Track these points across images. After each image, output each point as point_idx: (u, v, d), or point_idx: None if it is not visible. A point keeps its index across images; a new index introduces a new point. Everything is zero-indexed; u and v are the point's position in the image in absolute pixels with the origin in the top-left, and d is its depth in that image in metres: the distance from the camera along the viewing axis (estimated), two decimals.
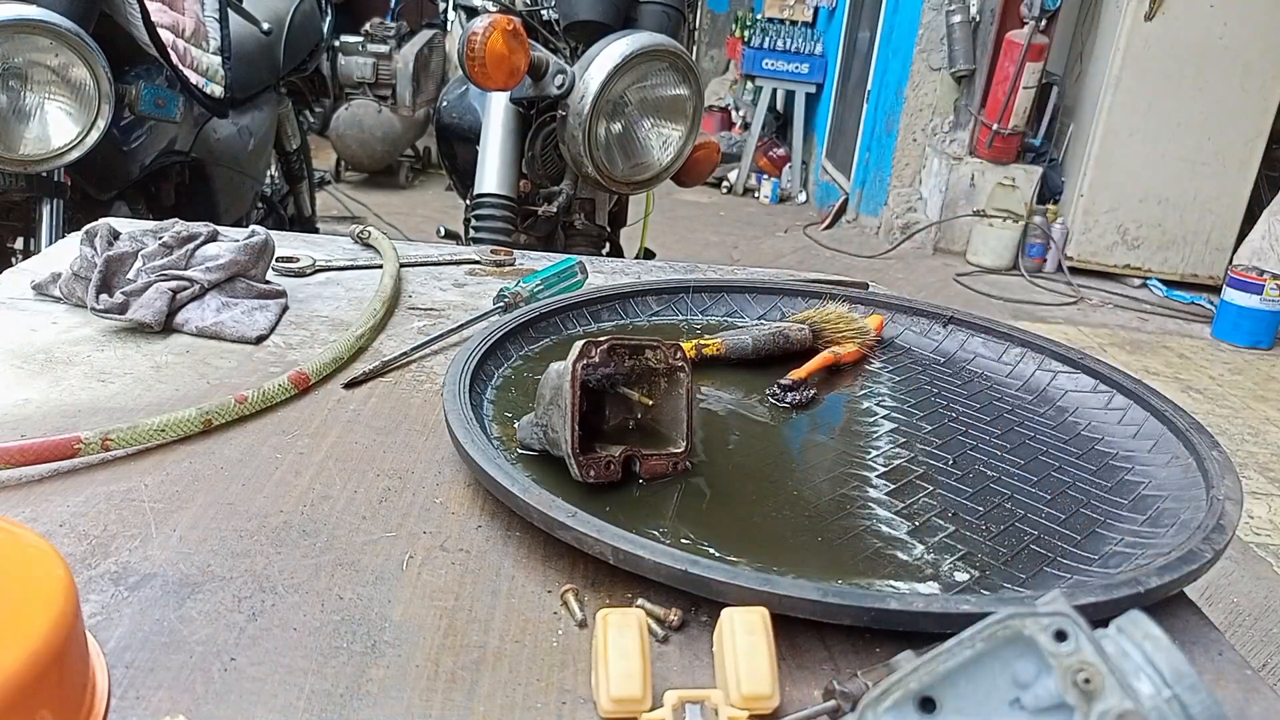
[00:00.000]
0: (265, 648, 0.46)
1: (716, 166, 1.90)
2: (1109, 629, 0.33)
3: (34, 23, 1.45)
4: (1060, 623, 0.32)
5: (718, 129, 6.70)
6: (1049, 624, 0.33)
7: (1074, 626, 0.32)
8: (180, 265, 0.84)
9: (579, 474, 0.58)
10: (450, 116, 2.02)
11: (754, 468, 0.65)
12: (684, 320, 0.89)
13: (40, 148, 1.52)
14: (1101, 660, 0.31)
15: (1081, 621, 0.32)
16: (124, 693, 0.42)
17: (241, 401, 0.66)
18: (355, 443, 0.65)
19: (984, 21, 4.55)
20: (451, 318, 0.88)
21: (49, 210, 1.66)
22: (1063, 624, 0.32)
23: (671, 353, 0.62)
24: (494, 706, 0.43)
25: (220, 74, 2.10)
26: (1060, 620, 0.32)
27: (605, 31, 1.63)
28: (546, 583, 0.52)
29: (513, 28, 1.46)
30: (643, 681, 0.42)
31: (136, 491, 0.57)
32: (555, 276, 0.91)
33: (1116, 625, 0.33)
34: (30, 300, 0.84)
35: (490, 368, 0.73)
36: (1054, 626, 0.32)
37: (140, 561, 0.51)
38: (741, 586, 0.46)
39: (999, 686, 0.34)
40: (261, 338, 0.80)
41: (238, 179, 2.34)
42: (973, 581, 0.53)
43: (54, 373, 0.72)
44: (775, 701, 0.41)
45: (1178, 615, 0.53)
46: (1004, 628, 0.33)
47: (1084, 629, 0.32)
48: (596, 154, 1.60)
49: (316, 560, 0.52)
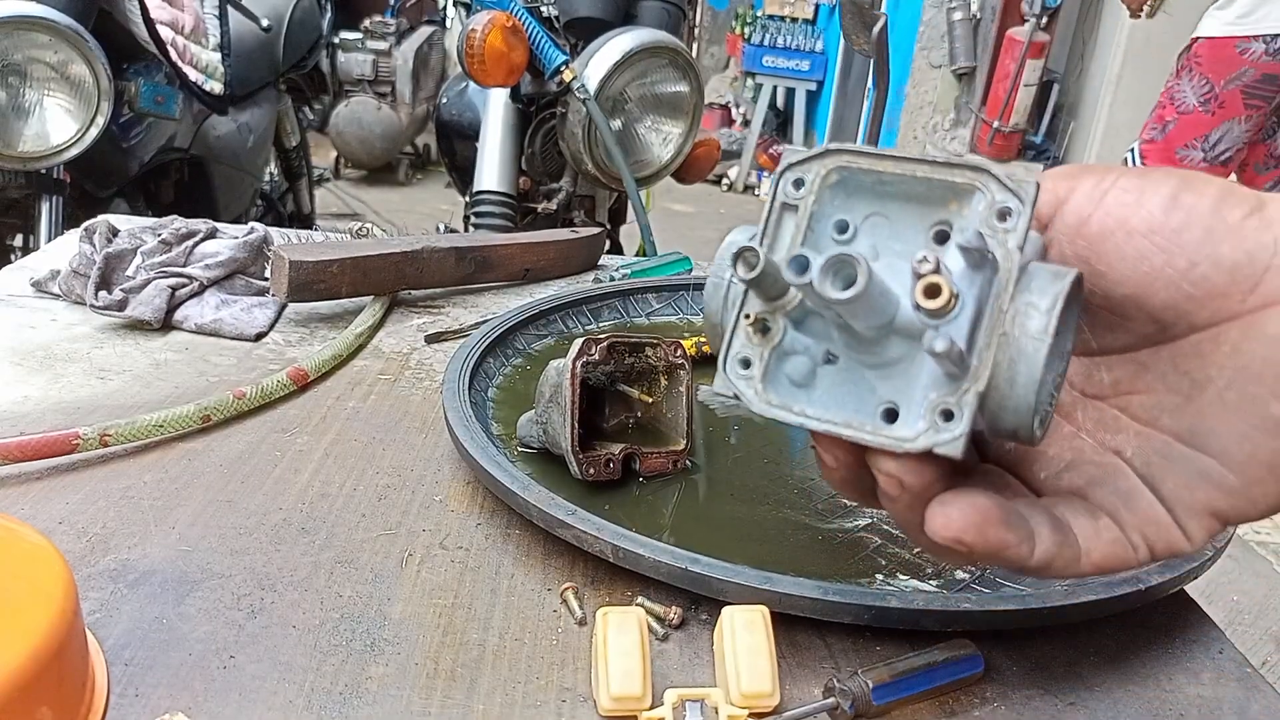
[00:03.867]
0: (264, 645, 0.46)
1: (716, 164, 1.90)
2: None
3: (33, 19, 1.45)
4: (1010, 202, 0.30)
5: (718, 126, 6.69)
6: (1001, 200, 0.30)
7: (1020, 212, 0.30)
8: (179, 262, 0.84)
9: (578, 472, 0.58)
10: (450, 113, 2.02)
11: (754, 465, 0.65)
12: (684, 318, 0.89)
13: (39, 145, 1.52)
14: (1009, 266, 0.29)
15: (1029, 213, 0.30)
16: (123, 690, 0.42)
17: (240, 397, 0.66)
18: (355, 440, 0.65)
19: (985, 19, 4.55)
20: (451, 315, 0.88)
21: (48, 207, 1.65)
22: (1012, 205, 0.30)
23: (672, 350, 0.62)
24: (493, 704, 0.43)
25: (220, 71, 2.10)
26: (1012, 201, 0.30)
27: (605, 28, 1.63)
28: (546, 580, 0.52)
29: (512, 25, 1.46)
30: (642, 680, 0.41)
31: (135, 489, 0.57)
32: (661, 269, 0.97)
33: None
34: (29, 297, 0.84)
35: (490, 365, 0.73)
36: (1004, 204, 0.30)
37: (139, 559, 0.51)
38: (741, 585, 0.46)
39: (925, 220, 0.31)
40: (260, 335, 0.80)
41: (237, 176, 2.34)
42: (973, 579, 0.53)
43: (53, 370, 0.71)
44: (775, 700, 0.41)
45: (1178, 613, 0.53)
46: (963, 175, 0.30)
47: (1027, 221, 0.30)
48: (596, 151, 1.59)
49: (316, 558, 0.52)
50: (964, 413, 0.29)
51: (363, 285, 0.84)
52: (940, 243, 0.31)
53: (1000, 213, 0.30)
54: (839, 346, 0.32)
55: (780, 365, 0.32)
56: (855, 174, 0.32)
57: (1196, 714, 0.46)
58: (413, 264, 0.87)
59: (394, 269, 0.86)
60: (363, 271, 0.83)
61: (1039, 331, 0.29)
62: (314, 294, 0.81)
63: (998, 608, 0.47)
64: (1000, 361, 0.29)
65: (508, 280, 0.96)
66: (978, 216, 0.30)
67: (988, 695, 0.46)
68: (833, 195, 0.32)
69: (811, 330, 0.32)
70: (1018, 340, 0.29)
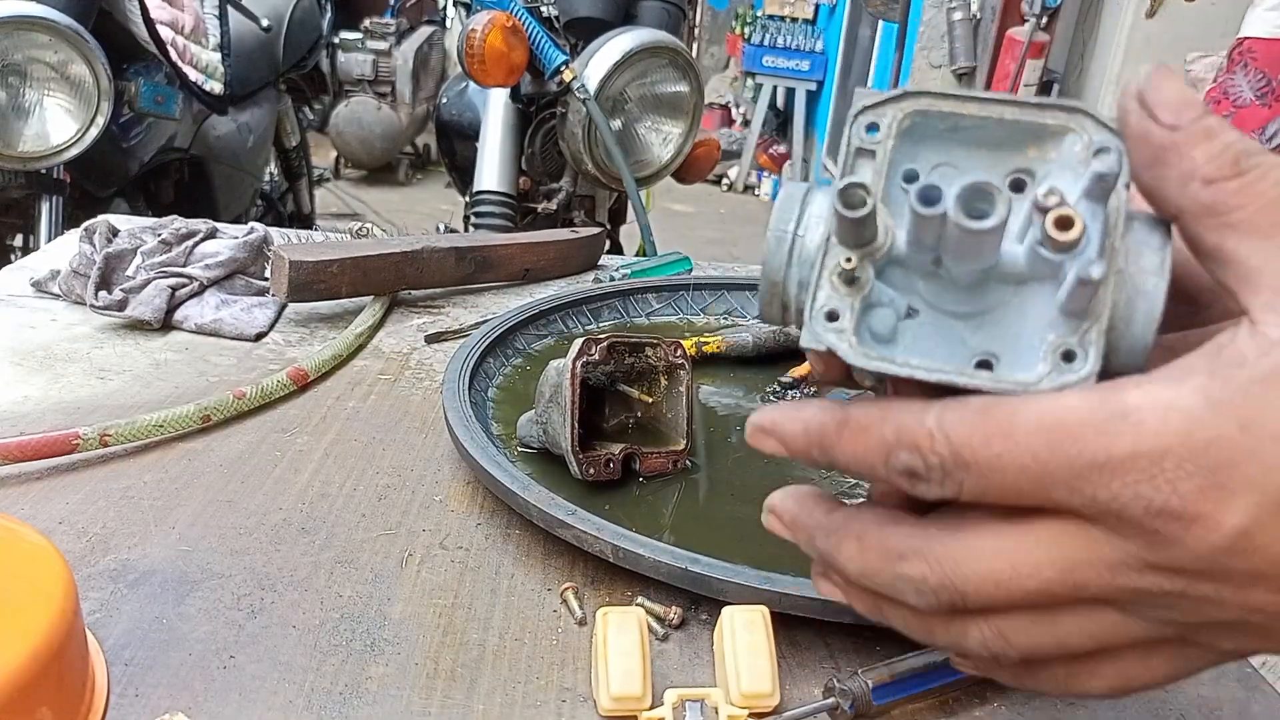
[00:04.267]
0: (264, 645, 0.46)
1: (716, 164, 1.90)
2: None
3: (33, 19, 1.45)
4: (1110, 142, 0.28)
5: (718, 126, 6.70)
6: (1099, 140, 0.28)
7: (1120, 150, 0.28)
8: (179, 262, 0.84)
9: (578, 472, 0.58)
10: (450, 113, 2.02)
11: (754, 465, 0.65)
12: (684, 318, 0.89)
13: (39, 145, 1.52)
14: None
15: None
16: (123, 690, 0.42)
17: (240, 397, 0.66)
18: (354, 440, 0.65)
19: (985, 18, 4.55)
20: (451, 315, 0.88)
21: (48, 207, 1.66)
22: (1111, 145, 0.28)
23: (672, 350, 0.62)
24: (493, 704, 0.43)
25: (220, 71, 2.10)
26: (1111, 140, 0.28)
27: (605, 28, 1.63)
28: (546, 580, 0.52)
29: (512, 25, 1.46)
30: (642, 680, 0.41)
31: (135, 489, 0.57)
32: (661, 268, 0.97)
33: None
34: (29, 297, 0.84)
35: (490, 365, 0.73)
36: (1103, 144, 0.28)
37: (139, 559, 0.51)
38: (741, 585, 0.46)
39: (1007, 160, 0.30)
40: (260, 335, 0.80)
41: (237, 176, 2.34)
42: None
43: (53, 370, 0.71)
44: (775, 700, 0.41)
45: None
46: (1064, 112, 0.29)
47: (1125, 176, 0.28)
48: (596, 151, 1.59)
49: (316, 558, 0.52)
50: (1089, 352, 0.28)
51: (363, 285, 0.84)
52: (1017, 191, 0.30)
53: (1099, 152, 0.29)
54: (922, 299, 0.30)
55: (864, 319, 0.30)
56: (929, 119, 0.30)
57: (1196, 714, 0.46)
58: (413, 264, 0.87)
59: (394, 269, 0.86)
60: (363, 271, 0.83)
61: (1156, 268, 0.28)
62: (314, 294, 0.81)
63: None
64: (1118, 300, 0.28)
65: (508, 280, 0.96)
66: (1069, 159, 0.29)
67: (988, 695, 0.46)
68: (901, 143, 0.31)
69: (893, 281, 0.31)
70: (1134, 278, 0.28)
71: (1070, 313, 0.28)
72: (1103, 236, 0.28)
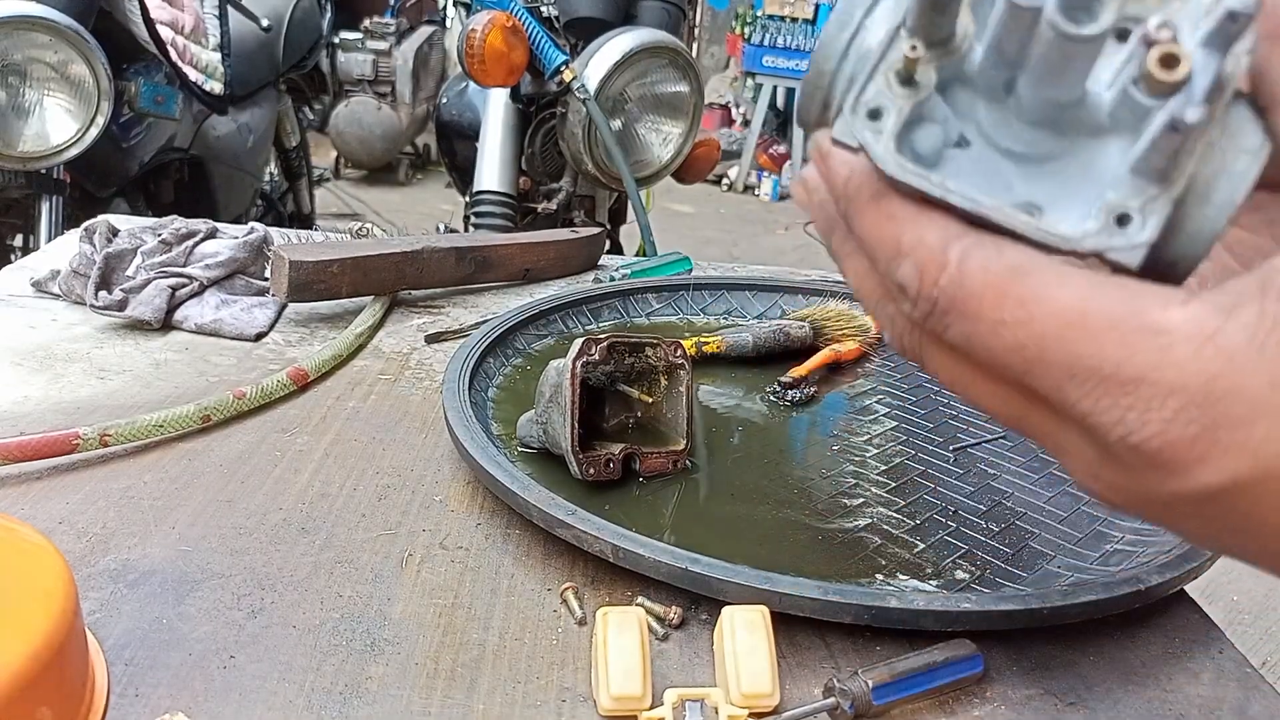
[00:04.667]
0: (264, 645, 0.46)
1: (716, 164, 1.90)
2: None
3: (33, 19, 1.45)
4: (1240, 5, 0.23)
5: (718, 126, 6.69)
6: (1230, 3, 0.23)
7: (1248, 15, 0.23)
8: (179, 262, 0.84)
9: (578, 472, 0.58)
10: (450, 113, 2.02)
11: (754, 465, 0.65)
12: (684, 318, 0.89)
13: (39, 145, 1.52)
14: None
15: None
16: (123, 690, 0.42)
17: (240, 397, 0.66)
18: (354, 440, 0.65)
19: None
20: (451, 315, 0.88)
21: (48, 207, 1.66)
22: (1239, 8, 0.23)
23: (672, 350, 0.62)
24: (493, 704, 0.43)
25: (220, 71, 2.10)
26: (1241, 3, 0.23)
27: (605, 28, 1.63)
28: (546, 580, 0.52)
29: (512, 25, 1.46)
30: (642, 679, 0.41)
31: (135, 488, 0.57)
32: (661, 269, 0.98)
33: None
34: (29, 297, 0.84)
35: (490, 365, 0.73)
36: (1233, 7, 0.23)
37: (139, 559, 0.51)
38: (741, 585, 0.46)
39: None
40: (260, 335, 0.80)
41: (237, 176, 2.34)
42: (973, 579, 0.53)
43: (53, 370, 0.71)
44: (775, 700, 0.41)
45: (1178, 613, 0.53)
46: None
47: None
48: (596, 151, 1.59)
49: (316, 558, 0.52)
50: (1148, 221, 0.24)
51: (363, 285, 0.84)
52: (1121, 40, 0.26)
53: (1228, 14, 0.24)
54: (978, 129, 0.27)
55: (909, 132, 0.27)
56: None
57: (1196, 714, 0.46)
58: (413, 264, 0.87)
59: (394, 269, 0.86)
60: (363, 271, 0.83)
61: (1255, 148, 0.25)
62: (314, 294, 0.81)
63: (998, 608, 0.47)
64: (1200, 175, 0.25)
65: (508, 280, 0.96)
66: (1193, 11, 0.25)
67: (988, 695, 0.46)
68: None
69: (954, 101, 0.27)
70: (1225, 154, 0.25)
71: (1143, 171, 0.25)
72: (1209, 91, 0.23)
